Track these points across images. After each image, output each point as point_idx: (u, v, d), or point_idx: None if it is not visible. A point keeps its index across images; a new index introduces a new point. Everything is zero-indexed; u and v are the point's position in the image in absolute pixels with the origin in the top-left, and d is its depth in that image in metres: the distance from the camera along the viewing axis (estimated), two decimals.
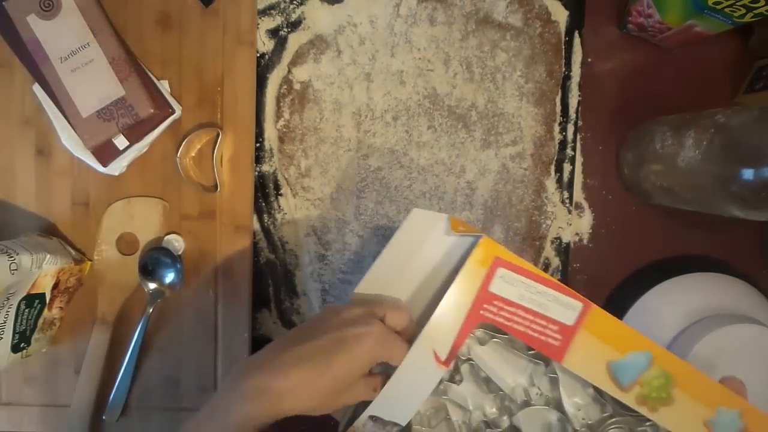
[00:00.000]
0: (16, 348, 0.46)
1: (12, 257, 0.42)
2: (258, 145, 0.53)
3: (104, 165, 0.49)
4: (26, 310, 0.45)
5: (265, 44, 0.53)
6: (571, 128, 0.54)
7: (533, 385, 0.38)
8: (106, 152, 0.49)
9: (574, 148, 0.54)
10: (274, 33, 0.53)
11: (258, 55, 0.52)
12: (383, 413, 0.35)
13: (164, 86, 0.50)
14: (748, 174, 0.39)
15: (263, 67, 0.53)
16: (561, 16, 0.53)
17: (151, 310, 0.51)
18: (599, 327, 0.35)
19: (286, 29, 0.53)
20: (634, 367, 0.34)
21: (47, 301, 0.47)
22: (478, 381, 0.38)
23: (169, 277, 0.51)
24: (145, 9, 0.50)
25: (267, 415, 0.33)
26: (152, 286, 0.51)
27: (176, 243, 0.51)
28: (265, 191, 0.53)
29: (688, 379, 0.34)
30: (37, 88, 0.49)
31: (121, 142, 0.49)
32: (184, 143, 0.50)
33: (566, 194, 0.54)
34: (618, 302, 0.53)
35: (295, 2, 0.52)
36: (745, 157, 0.39)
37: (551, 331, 0.35)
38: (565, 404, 0.37)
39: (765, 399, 0.46)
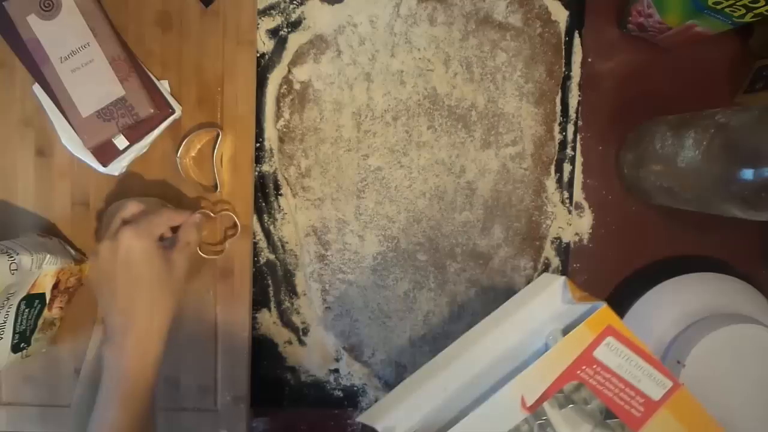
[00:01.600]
0: (16, 348, 0.46)
1: (12, 257, 0.42)
2: (258, 145, 0.53)
3: (104, 165, 0.49)
4: (26, 310, 0.45)
5: (265, 44, 0.53)
6: (571, 128, 0.54)
7: None
8: (106, 152, 0.49)
9: (574, 148, 0.54)
10: (274, 33, 0.53)
11: (258, 55, 0.52)
12: None
13: (164, 86, 0.50)
14: (748, 174, 0.39)
15: (263, 67, 0.53)
16: (561, 16, 0.53)
17: None
18: (681, 407, 0.37)
19: (286, 29, 0.53)
20: None
21: (47, 301, 0.47)
22: None
23: None
24: (145, 9, 0.50)
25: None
26: None
27: None
28: (265, 191, 0.53)
29: None
30: (37, 88, 0.49)
31: (121, 142, 0.49)
32: (184, 143, 0.50)
33: (566, 194, 0.54)
34: (618, 302, 0.53)
35: (295, 2, 0.52)
36: (745, 157, 0.39)
37: (636, 403, 0.37)
38: None
39: (765, 399, 0.46)
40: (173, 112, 0.50)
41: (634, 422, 0.37)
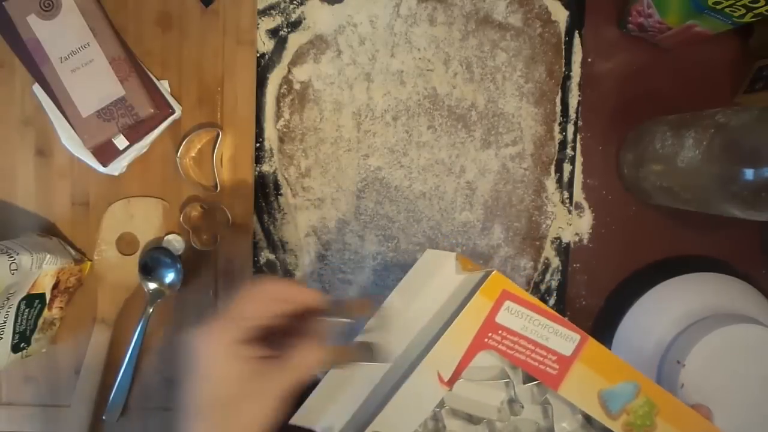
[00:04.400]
0: (16, 348, 0.46)
1: (12, 257, 0.42)
2: (258, 145, 0.53)
3: (104, 165, 0.49)
4: (26, 310, 0.45)
5: (265, 44, 0.53)
6: (571, 128, 0.54)
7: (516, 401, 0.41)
8: (106, 152, 0.49)
9: (574, 148, 0.54)
10: (274, 33, 0.53)
11: (258, 55, 0.52)
12: (385, 429, 0.37)
13: (164, 86, 0.50)
14: (748, 174, 0.39)
15: (263, 67, 0.53)
16: (561, 16, 0.53)
17: (151, 310, 0.51)
18: (593, 358, 0.37)
19: (286, 29, 0.53)
20: (622, 396, 0.37)
21: (47, 301, 0.47)
22: (460, 420, 0.41)
23: (169, 277, 0.51)
24: (145, 9, 0.50)
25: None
26: (152, 286, 0.51)
27: (176, 243, 0.51)
28: (265, 191, 0.53)
29: (669, 408, 0.37)
30: (37, 88, 0.49)
31: (121, 142, 0.49)
32: (184, 143, 0.50)
33: (566, 194, 0.54)
34: (618, 302, 0.53)
35: (295, 2, 0.52)
36: (745, 157, 0.39)
37: (550, 361, 0.37)
38: (555, 429, 0.40)
39: (764, 399, 0.46)
40: (173, 112, 0.50)
41: (552, 381, 0.37)
